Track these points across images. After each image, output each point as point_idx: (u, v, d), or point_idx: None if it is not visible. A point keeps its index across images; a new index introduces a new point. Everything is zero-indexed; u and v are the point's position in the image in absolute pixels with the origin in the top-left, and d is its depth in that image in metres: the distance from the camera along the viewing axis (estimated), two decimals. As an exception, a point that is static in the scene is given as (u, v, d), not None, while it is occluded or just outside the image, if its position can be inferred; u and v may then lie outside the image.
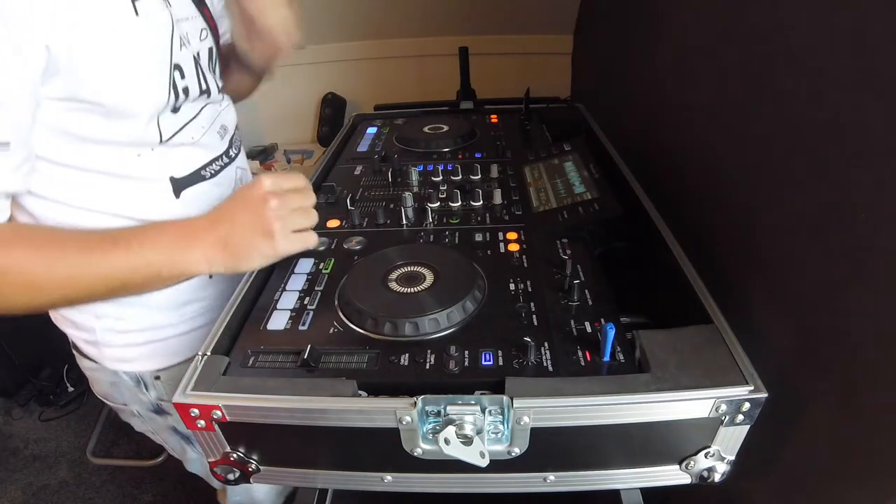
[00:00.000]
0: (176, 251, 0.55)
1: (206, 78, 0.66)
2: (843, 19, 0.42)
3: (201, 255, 0.56)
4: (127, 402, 0.78)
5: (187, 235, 0.56)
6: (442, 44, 1.42)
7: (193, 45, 0.64)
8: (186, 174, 0.66)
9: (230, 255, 0.56)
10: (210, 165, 0.69)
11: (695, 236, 0.64)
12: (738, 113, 0.59)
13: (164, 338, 0.71)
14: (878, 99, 0.38)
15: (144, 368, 0.72)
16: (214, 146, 0.70)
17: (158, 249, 0.55)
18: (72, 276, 0.52)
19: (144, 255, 0.54)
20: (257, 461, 0.53)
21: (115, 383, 0.75)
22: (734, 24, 0.60)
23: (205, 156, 0.68)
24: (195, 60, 0.64)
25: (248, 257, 0.57)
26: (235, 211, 0.58)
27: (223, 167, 0.72)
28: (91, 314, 0.68)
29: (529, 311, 0.56)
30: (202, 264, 0.56)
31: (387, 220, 0.75)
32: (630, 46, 0.96)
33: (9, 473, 1.65)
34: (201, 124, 0.67)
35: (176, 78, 0.60)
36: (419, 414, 0.45)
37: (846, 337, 0.43)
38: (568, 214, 0.71)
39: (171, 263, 0.55)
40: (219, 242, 0.56)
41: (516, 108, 1.11)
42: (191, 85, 0.63)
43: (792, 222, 0.49)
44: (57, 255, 0.52)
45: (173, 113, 0.62)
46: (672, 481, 0.51)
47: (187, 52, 0.62)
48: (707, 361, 0.47)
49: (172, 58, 0.59)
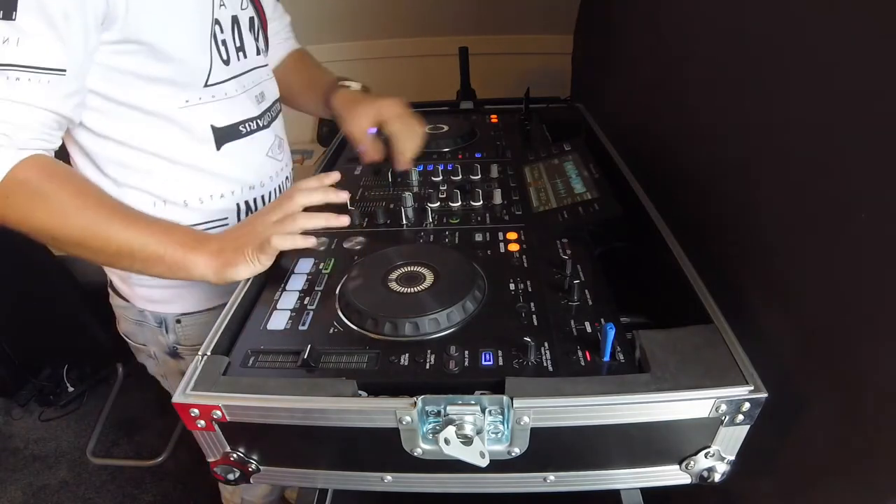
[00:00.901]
0: (182, 248, 0.61)
1: (243, 38, 0.75)
2: (844, 18, 0.42)
3: (200, 258, 0.61)
4: (146, 343, 0.85)
5: (197, 239, 0.63)
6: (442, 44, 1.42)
7: (232, 8, 0.73)
8: (226, 125, 0.73)
9: (221, 263, 0.61)
10: (245, 123, 0.76)
11: (695, 236, 0.64)
12: (738, 112, 0.59)
13: (190, 285, 0.77)
14: (879, 98, 0.38)
15: (169, 311, 0.80)
16: (249, 108, 0.77)
17: (172, 238, 0.61)
18: (92, 226, 0.59)
19: (159, 238, 0.60)
20: (257, 461, 0.53)
21: (139, 322, 0.83)
22: (734, 23, 0.60)
23: (241, 113, 0.75)
24: (233, 21, 0.73)
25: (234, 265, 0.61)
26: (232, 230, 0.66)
27: (256, 129, 0.78)
28: None
29: (529, 311, 0.56)
30: (199, 267, 0.61)
31: (387, 220, 0.75)
32: (630, 46, 0.96)
33: (9, 473, 1.65)
34: (243, 83, 0.75)
35: (216, 31, 0.70)
36: (419, 414, 0.45)
37: (846, 337, 0.43)
38: (568, 214, 0.71)
39: (174, 255, 0.61)
40: (217, 250, 0.62)
41: (516, 108, 1.11)
42: (227, 40, 0.72)
43: (792, 222, 0.49)
44: (91, 204, 0.59)
45: (225, 64, 0.71)
46: (672, 481, 0.51)
47: (226, 13, 0.72)
48: (707, 361, 0.47)
49: (213, 13, 0.69)
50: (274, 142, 0.83)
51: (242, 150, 0.76)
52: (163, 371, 0.90)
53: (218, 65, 0.70)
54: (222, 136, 0.73)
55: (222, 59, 0.71)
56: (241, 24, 0.75)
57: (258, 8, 0.80)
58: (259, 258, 0.61)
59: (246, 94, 0.76)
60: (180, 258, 0.61)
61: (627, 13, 0.97)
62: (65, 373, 1.85)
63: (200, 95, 0.69)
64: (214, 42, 0.69)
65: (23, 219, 0.57)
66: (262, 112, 0.80)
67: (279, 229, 0.63)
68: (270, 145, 0.82)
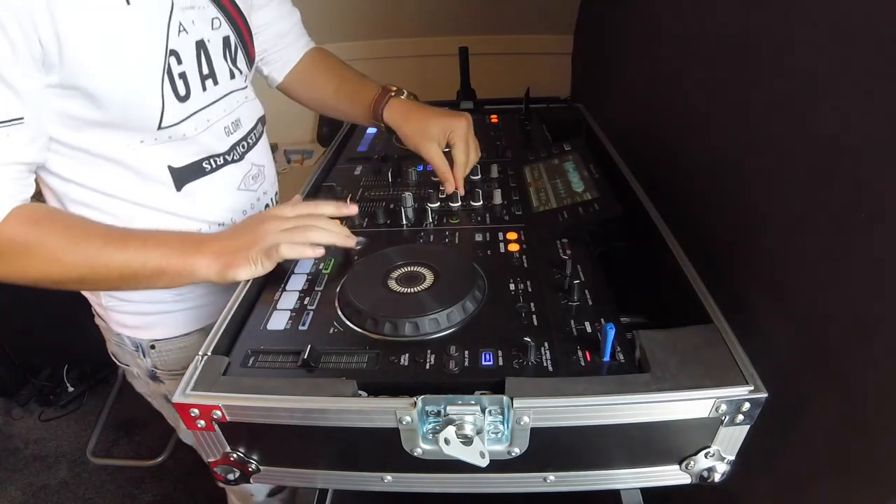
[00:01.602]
0: (182, 255, 0.60)
1: (213, 64, 0.68)
2: (845, 19, 0.42)
3: (202, 260, 0.60)
4: (129, 364, 0.84)
5: (196, 243, 0.62)
6: (442, 44, 1.42)
7: (199, 31, 0.65)
8: (185, 164, 0.67)
9: (223, 264, 0.60)
10: (210, 160, 0.70)
11: (695, 236, 0.64)
12: (738, 112, 0.59)
13: (163, 311, 0.75)
14: (878, 99, 0.38)
15: (143, 337, 0.77)
16: (212, 144, 0.70)
17: (169, 249, 0.60)
18: (89, 260, 0.57)
19: (156, 252, 0.59)
20: (257, 461, 0.53)
21: (119, 344, 0.81)
22: (734, 23, 0.60)
23: (202, 151, 0.69)
24: (198, 47, 0.65)
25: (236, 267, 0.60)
26: (238, 228, 0.65)
27: (224, 164, 0.72)
28: None
29: (529, 311, 0.56)
30: (201, 270, 0.60)
31: (387, 220, 0.75)
32: (630, 46, 0.96)
33: (9, 473, 1.65)
34: (207, 118, 0.68)
35: (171, 65, 0.62)
36: (419, 414, 0.45)
37: (846, 337, 0.43)
38: (568, 214, 0.71)
39: (175, 264, 0.59)
40: (219, 251, 0.61)
41: (516, 108, 1.11)
42: (189, 71, 0.64)
43: (792, 222, 0.49)
44: (81, 239, 0.57)
45: (181, 101, 0.63)
46: (672, 481, 0.51)
47: (188, 40, 0.63)
48: (707, 361, 0.47)
49: (168, 44, 0.61)
50: (249, 172, 0.76)
51: (207, 189, 0.70)
52: (148, 392, 0.88)
53: (172, 105, 0.62)
54: (181, 176, 0.68)
55: (178, 97, 0.63)
56: (211, 48, 0.67)
57: (237, 23, 0.72)
58: (263, 263, 0.60)
59: (209, 131, 0.69)
60: (181, 266, 0.59)
61: (627, 13, 0.97)
62: (65, 373, 1.85)
63: (156, 137, 0.63)
64: (169, 79, 0.61)
65: (20, 273, 0.57)
66: (233, 145, 0.73)
67: (289, 238, 0.61)
68: (244, 177, 0.76)
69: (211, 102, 0.68)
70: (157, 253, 0.59)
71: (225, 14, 0.69)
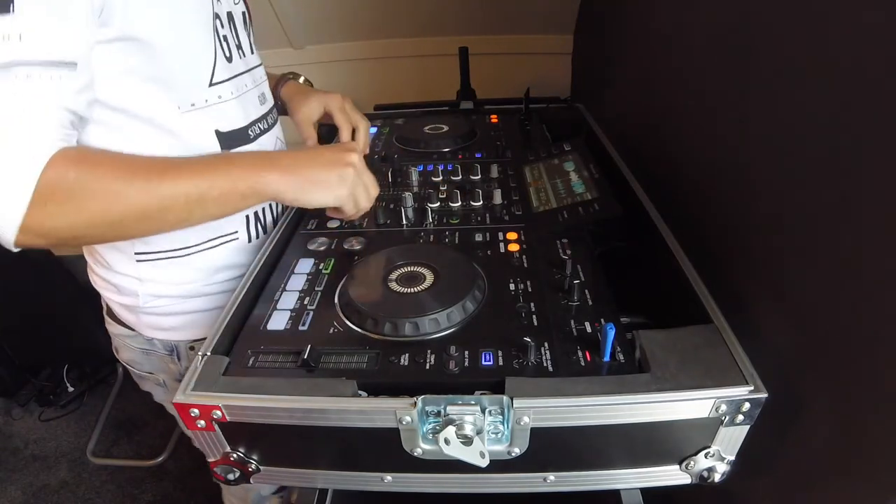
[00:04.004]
0: (253, 170, 0.59)
1: (238, 34, 0.72)
2: (844, 20, 0.42)
3: (277, 176, 0.59)
4: (154, 371, 0.82)
5: (267, 157, 0.63)
6: (442, 44, 1.42)
7: (226, 4, 0.69)
8: (232, 129, 0.69)
9: (301, 183, 0.61)
10: (254, 126, 0.73)
11: (695, 236, 0.64)
12: (738, 112, 0.59)
13: (201, 308, 0.74)
14: (877, 99, 0.38)
15: (181, 338, 0.76)
16: (255, 108, 0.74)
17: (238, 166, 0.59)
18: (150, 187, 0.53)
19: (223, 171, 0.57)
20: (257, 461, 0.53)
21: (146, 351, 0.79)
22: (734, 23, 0.60)
23: (248, 115, 0.72)
24: (229, 17, 0.70)
25: (315, 189, 0.61)
26: (321, 150, 0.66)
27: (264, 131, 0.75)
28: (134, 279, 0.71)
29: (529, 311, 0.56)
30: (273, 184, 0.59)
31: (387, 220, 0.75)
32: (630, 46, 0.96)
33: (9, 473, 1.65)
34: (245, 82, 0.72)
35: (217, 26, 0.66)
36: (419, 414, 0.45)
37: (846, 337, 0.43)
38: (568, 214, 0.71)
39: (248, 179, 0.58)
40: (295, 168, 0.61)
41: (516, 108, 1.11)
42: (228, 35, 0.69)
43: (792, 222, 0.49)
44: (138, 169, 0.54)
45: (228, 62, 0.67)
46: (672, 481, 0.51)
47: (222, 8, 0.68)
48: (707, 361, 0.48)
49: (213, 6, 0.65)
50: (276, 146, 0.81)
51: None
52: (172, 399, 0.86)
53: (222, 62, 0.66)
54: (229, 141, 0.69)
55: (225, 56, 0.67)
56: (236, 20, 0.71)
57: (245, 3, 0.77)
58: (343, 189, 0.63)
59: (247, 96, 0.72)
60: (254, 181, 0.58)
61: (627, 13, 0.97)
62: (65, 373, 1.85)
63: (206, 97, 0.65)
64: (217, 37, 0.65)
65: (74, 217, 0.51)
66: (265, 114, 0.77)
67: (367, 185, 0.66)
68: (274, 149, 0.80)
69: (245, 70, 0.72)
70: (226, 171, 0.57)
71: None
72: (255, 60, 0.76)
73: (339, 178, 0.62)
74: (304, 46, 1.53)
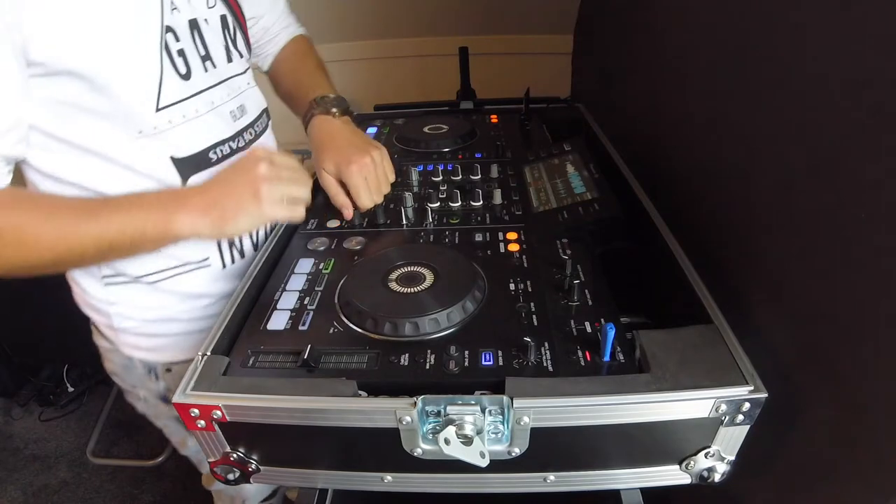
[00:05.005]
0: (162, 212, 0.56)
1: (207, 45, 0.65)
2: (844, 20, 0.42)
3: (186, 216, 0.56)
4: (136, 385, 0.80)
5: (176, 197, 0.58)
6: (442, 44, 1.42)
7: (193, 10, 0.63)
8: (189, 154, 0.63)
9: (216, 217, 0.57)
10: (216, 148, 0.66)
11: (695, 236, 0.63)
12: (739, 112, 0.59)
13: (178, 332, 0.72)
14: (876, 99, 0.38)
15: (157, 359, 0.74)
16: (219, 128, 0.67)
17: (146, 210, 0.56)
18: (62, 235, 0.53)
19: (132, 216, 0.55)
20: (257, 461, 0.53)
21: (127, 366, 0.77)
22: (735, 24, 0.60)
23: (208, 137, 0.66)
24: (192, 26, 0.63)
25: (235, 219, 0.57)
26: (226, 174, 0.61)
27: (234, 151, 0.69)
28: (105, 301, 0.69)
29: (529, 311, 0.56)
30: (187, 226, 0.56)
31: (387, 220, 0.75)
32: (630, 46, 0.96)
33: (9, 473, 1.65)
34: (211, 100, 0.65)
35: (168, 41, 0.59)
36: (419, 414, 0.45)
37: (846, 337, 0.43)
38: (568, 214, 0.71)
39: (157, 224, 0.56)
40: (207, 205, 0.57)
41: (516, 108, 1.11)
42: (187, 48, 0.62)
43: (792, 221, 0.49)
44: (49, 215, 0.53)
45: (184, 79, 0.61)
46: (672, 481, 0.51)
47: (180, 17, 0.61)
48: (707, 361, 0.47)
49: (164, 19, 0.58)
50: None
51: None
52: (154, 413, 0.84)
53: (173, 82, 0.60)
54: (187, 167, 0.63)
55: (179, 74, 0.60)
56: (204, 28, 0.64)
57: (231, 5, 0.69)
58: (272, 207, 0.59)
59: (214, 112, 0.66)
60: (164, 226, 0.55)
61: (627, 13, 0.97)
62: (65, 373, 1.84)
63: (155, 123, 0.59)
64: (167, 54, 0.59)
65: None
66: (240, 131, 0.70)
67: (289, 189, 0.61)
68: None
69: (214, 84, 0.66)
70: (135, 216, 0.55)
71: None
72: (234, 69, 0.70)
73: (252, 197, 0.58)
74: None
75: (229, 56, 0.69)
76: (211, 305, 0.73)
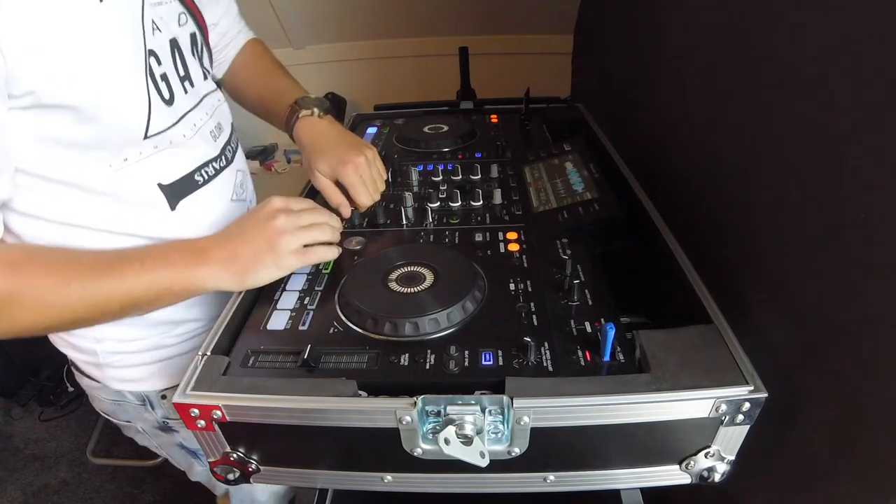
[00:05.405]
0: (187, 269, 0.55)
1: (186, 64, 0.64)
2: (844, 20, 0.42)
3: (210, 271, 0.56)
4: (131, 420, 0.78)
5: (198, 252, 0.57)
6: (442, 44, 1.42)
7: (168, 30, 0.61)
8: (176, 179, 0.62)
9: (237, 271, 0.57)
10: (203, 169, 0.65)
11: (695, 236, 0.64)
12: (739, 112, 0.59)
13: (168, 357, 0.71)
14: (877, 100, 0.38)
15: (150, 388, 0.72)
16: (208, 147, 0.66)
17: (170, 267, 0.55)
18: (85, 296, 0.51)
19: (156, 273, 0.54)
20: (257, 461, 0.53)
21: (118, 402, 0.75)
22: (735, 24, 0.60)
23: (194, 159, 0.64)
24: (172, 46, 0.61)
25: (255, 272, 0.57)
26: (244, 228, 0.60)
27: (218, 171, 0.68)
28: (91, 338, 0.67)
29: (529, 311, 0.56)
30: (211, 281, 0.56)
31: (387, 220, 0.75)
32: (630, 46, 0.96)
33: (9, 473, 1.65)
34: (193, 122, 0.64)
35: (152, 66, 0.57)
36: (419, 414, 0.45)
37: (846, 336, 0.43)
38: (568, 214, 0.71)
39: (182, 280, 0.55)
40: (227, 259, 0.57)
41: (516, 108, 1.11)
42: (168, 72, 0.60)
43: (792, 222, 0.49)
44: (69, 275, 0.51)
45: (167, 105, 0.59)
46: (672, 481, 0.51)
47: (162, 39, 0.59)
48: (707, 361, 0.47)
49: (146, 43, 0.56)
50: (237, 180, 0.72)
51: (203, 204, 0.65)
52: (155, 444, 0.83)
53: (159, 109, 0.58)
54: (174, 192, 0.62)
55: (164, 100, 0.58)
56: (182, 47, 0.62)
57: (197, 19, 0.66)
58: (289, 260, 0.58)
59: (199, 135, 0.64)
60: (188, 281, 0.55)
61: (627, 13, 0.97)
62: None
63: (140, 150, 0.57)
64: (153, 81, 0.56)
65: (7, 326, 0.49)
66: (222, 149, 0.68)
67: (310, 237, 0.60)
68: (234, 186, 0.71)
69: (193, 106, 0.65)
70: (160, 274, 0.54)
71: (187, 9, 0.65)
72: (206, 87, 0.68)
73: (271, 251, 0.57)
74: (304, 46, 1.53)
75: (205, 73, 0.68)
76: (195, 332, 0.72)
